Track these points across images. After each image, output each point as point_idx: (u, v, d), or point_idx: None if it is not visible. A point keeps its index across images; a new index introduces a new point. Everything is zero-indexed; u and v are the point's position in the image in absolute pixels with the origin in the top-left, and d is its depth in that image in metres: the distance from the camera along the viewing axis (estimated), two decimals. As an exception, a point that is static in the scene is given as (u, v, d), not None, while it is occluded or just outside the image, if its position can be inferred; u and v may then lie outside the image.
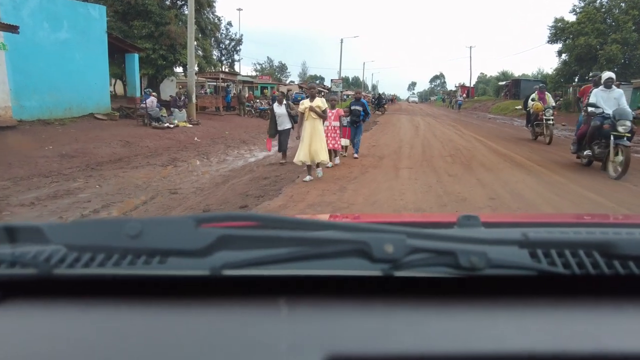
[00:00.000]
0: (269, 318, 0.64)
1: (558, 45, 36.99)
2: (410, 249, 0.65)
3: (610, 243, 0.69)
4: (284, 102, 9.00)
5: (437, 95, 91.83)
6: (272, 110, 9.22)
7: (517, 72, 63.32)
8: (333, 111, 8.22)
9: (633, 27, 30.81)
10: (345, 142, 8.88)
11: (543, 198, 5.85)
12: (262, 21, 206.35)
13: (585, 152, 7.98)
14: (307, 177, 6.98)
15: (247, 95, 30.65)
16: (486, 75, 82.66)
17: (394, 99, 65.79)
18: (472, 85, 61.74)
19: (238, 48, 64.73)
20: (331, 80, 47.47)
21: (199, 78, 26.82)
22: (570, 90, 35.54)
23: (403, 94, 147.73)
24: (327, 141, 7.33)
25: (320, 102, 6.84)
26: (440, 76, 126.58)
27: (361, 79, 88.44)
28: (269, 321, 0.63)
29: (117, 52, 18.34)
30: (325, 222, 0.77)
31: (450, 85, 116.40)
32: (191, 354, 0.56)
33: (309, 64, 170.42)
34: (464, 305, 0.67)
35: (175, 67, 23.90)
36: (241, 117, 24.03)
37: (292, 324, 0.63)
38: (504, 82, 53.23)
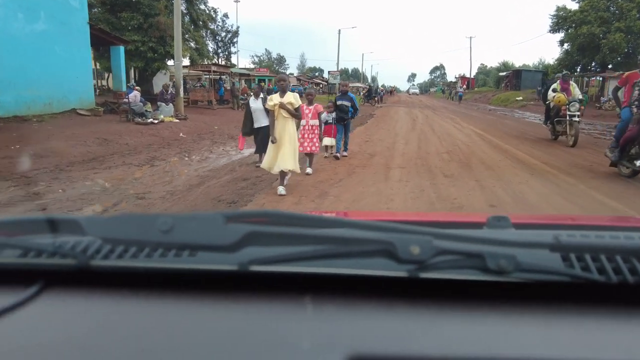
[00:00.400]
0: (294, 315, 0.64)
1: (560, 35, 36.20)
2: (437, 251, 0.64)
3: None
4: (261, 95, 7.78)
5: (437, 86, 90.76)
6: (247, 104, 7.96)
7: (517, 63, 62.54)
8: (310, 107, 7.12)
9: (638, 15, 29.93)
10: (329, 141, 8.04)
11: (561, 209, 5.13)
12: (260, 13, 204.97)
13: (636, 163, 6.29)
14: (280, 189, 5.72)
15: (242, 88, 30.03)
16: (486, 66, 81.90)
17: (392, 91, 64.86)
18: (472, 77, 60.89)
19: (235, 40, 64.10)
20: (328, 72, 46.75)
21: (190, 71, 26.13)
22: (572, 81, 34.63)
23: (403, 85, 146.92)
24: (303, 143, 6.45)
25: (292, 98, 5.56)
26: (440, 67, 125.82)
27: (360, 71, 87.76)
28: (294, 318, 0.64)
29: (102, 44, 17.67)
30: (353, 221, 0.74)
31: (451, 77, 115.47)
32: (215, 348, 0.57)
33: (307, 56, 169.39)
34: (490, 310, 0.66)
35: (168, 60, 23.20)
36: (235, 110, 23.37)
37: (316, 322, 0.63)
38: (504, 73, 52.43)
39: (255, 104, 7.68)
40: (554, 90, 10.76)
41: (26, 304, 0.68)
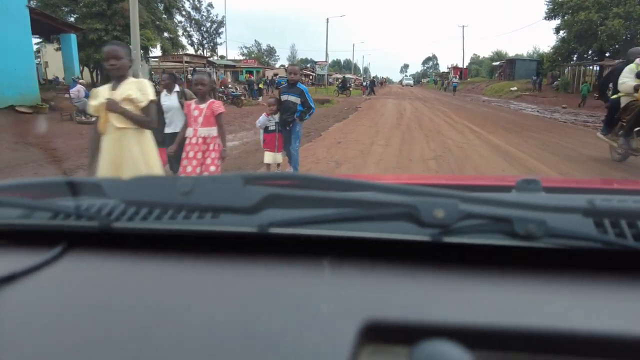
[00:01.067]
0: (312, 279, 0.64)
1: (556, 22, 34.60)
2: (463, 214, 0.63)
3: None
4: (176, 88, 5.09)
5: (430, 77, 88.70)
6: (158, 102, 4.37)
7: (511, 52, 60.85)
8: (202, 106, 3.84)
9: (637, 0, 28.33)
10: (271, 157, 5.53)
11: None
12: (251, 4, 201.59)
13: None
14: None
15: (222, 80, 28.17)
16: (479, 56, 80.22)
17: (383, 82, 62.99)
18: (464, 67, 59.24)
19: (220, 31, 61.86)
20: (316, 62, 44.80)
21: (163, 63, 24.17)
22: (569, 70, 33.36)
23: (396, 76, 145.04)
24: (187, 167, 3.82)
25: (134, 90, 2.89)
26: (432, 58, 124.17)
27: (352, 62, 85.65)
28: (312, 282, 0.63)
29: (51, 32, 15.78)
30: (374, 183, 0.71)
31: (443, 67, 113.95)
32: (233, 309, 0.57)
33: (298, 47, 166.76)
34: (517, 277, 0.62)
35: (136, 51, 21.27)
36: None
37: (334, 286, 0.62)
38: (498, 63, 50.85)
39: (167, 100, 5.05)
40: (626, 77, 6.37)
41: (50, 265, 0.68)
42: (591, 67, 31.27)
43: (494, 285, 0.61)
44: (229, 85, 25.43)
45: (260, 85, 25.85)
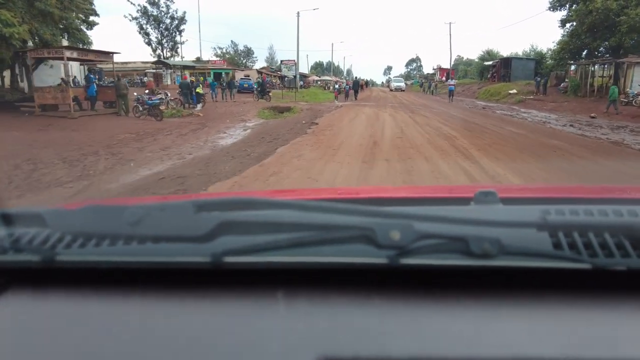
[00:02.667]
0: (265, 312, 0.62)
1: (562, 13, 29.37)
2: (419, 235, 0.62)
3: (631, 226, 0.65)
4: None
5: (414, 79, 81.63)
6: None
7: (504, 51, 55.41)
8: None
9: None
10: None
11: None
12: (228, 4, 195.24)
13: None
14: None
15: (150, 83, 22.10)
16: (463, 57, 74.58)
17: (363, 85, 56.39)
18: (451, 67, 53.77)
19: (181, 28, 55.26)
20: (281, 61, 38.50)
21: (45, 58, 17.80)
22: (578, 69, 27.86)
23: (379, 78, 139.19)
24: None
25: None
26: (416, 59, 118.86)
27: (334, 63, 79.64)
28: (265, 316, 0.61)
29: None
30: (331, 205, 0.70)
31: (427, 69, 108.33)
32: (182, 348, 0.55)
33: (278, 48, 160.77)
34: (478, 301, 0.62)
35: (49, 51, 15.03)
36: (122, 117, 15.59)
37: (287, 320, 0.60)
38: (490, 62, 45.36)
39: None
40: None
41: None
42: (604, 65, 25.99)
43: (450, 313, 0.59)
44: (157, 91, 19.31)
45: (199, 90, 19.65)
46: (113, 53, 17.30)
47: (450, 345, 0.53)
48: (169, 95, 18.82)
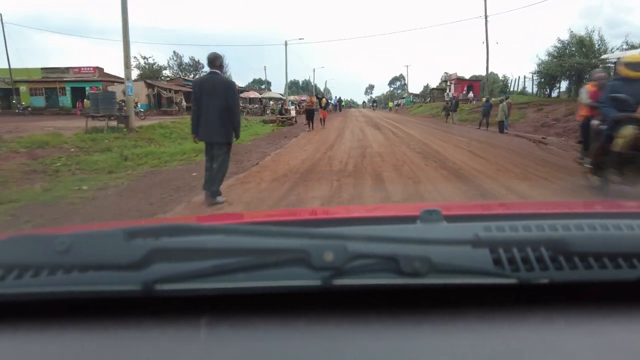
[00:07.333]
0: (188, 340, 0.61)
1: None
2: (352, 256, 0.62)
3: (561, 240, 0.66)
4: None
5: (405, 98, 69.42)
6: None
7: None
8: None
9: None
10: None
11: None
12: (205, 23, 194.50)
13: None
14: None
15: None
16: (430, 86, 62.58)
17: (338, 105, 50.01)
18: (487, 75, 33.52)
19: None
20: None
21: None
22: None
23: (360, 98, 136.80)
24: None
25: None
26: (400, 78, 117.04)
27: (313, 83, 77.62)
28: (187, 343, 0.60)
29: None
30: (265, 229, 0.70)
31: (413, 88, 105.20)
32: None
33: (255, 67, 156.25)
34: (407, 319, 0.62)
35: None
36: None
37: (208, 347, 0.60)
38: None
39: None
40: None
41: None
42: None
43: (387, 334, 0.59)
44: None
45: None
46: None
47: None
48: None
